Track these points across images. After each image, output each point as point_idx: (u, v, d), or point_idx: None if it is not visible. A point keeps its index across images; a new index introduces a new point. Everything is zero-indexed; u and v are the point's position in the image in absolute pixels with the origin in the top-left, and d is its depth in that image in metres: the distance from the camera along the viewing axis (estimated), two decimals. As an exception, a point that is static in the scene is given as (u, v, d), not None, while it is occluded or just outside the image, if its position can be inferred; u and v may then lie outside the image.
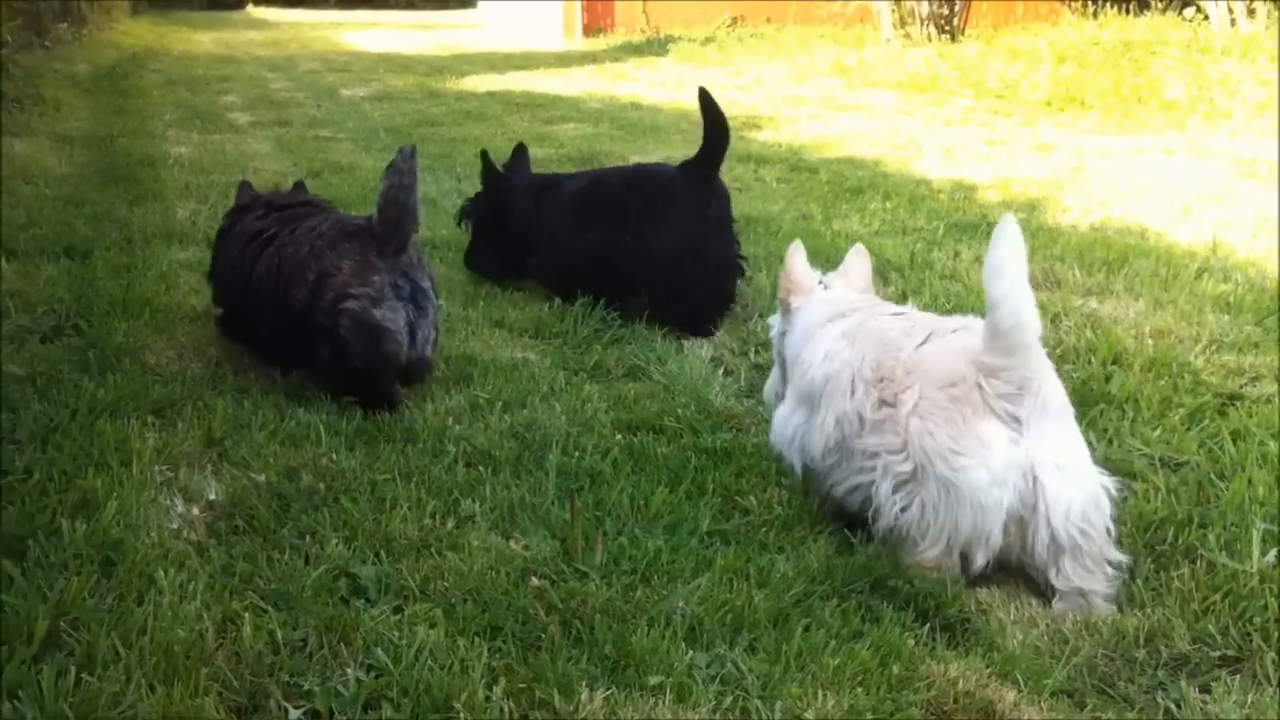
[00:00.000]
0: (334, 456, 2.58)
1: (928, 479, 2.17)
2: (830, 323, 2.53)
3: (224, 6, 27.87)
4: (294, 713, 1.73)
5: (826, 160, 6.89)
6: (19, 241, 4.24)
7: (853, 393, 2.33)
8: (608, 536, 2.27)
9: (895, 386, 2.25)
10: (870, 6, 14.67)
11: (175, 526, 2.25)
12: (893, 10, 14.03)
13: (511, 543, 2.26)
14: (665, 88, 11.31)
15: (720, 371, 3.30)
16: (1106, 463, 2.63)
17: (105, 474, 2.37)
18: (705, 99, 3.82)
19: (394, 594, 2.06)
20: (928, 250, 4.50)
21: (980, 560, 2.16)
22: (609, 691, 1.79)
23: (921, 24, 13.78)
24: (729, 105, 9.57)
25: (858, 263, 2.78)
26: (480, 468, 2.57)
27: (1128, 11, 13.53)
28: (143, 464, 2.45)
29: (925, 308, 3.65)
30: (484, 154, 4.05)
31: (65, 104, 8.10)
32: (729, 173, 6.42)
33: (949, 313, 3.63)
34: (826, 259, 4.28)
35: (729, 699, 1.80)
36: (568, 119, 8.92)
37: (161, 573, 2.03)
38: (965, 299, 3.78)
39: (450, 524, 2.31)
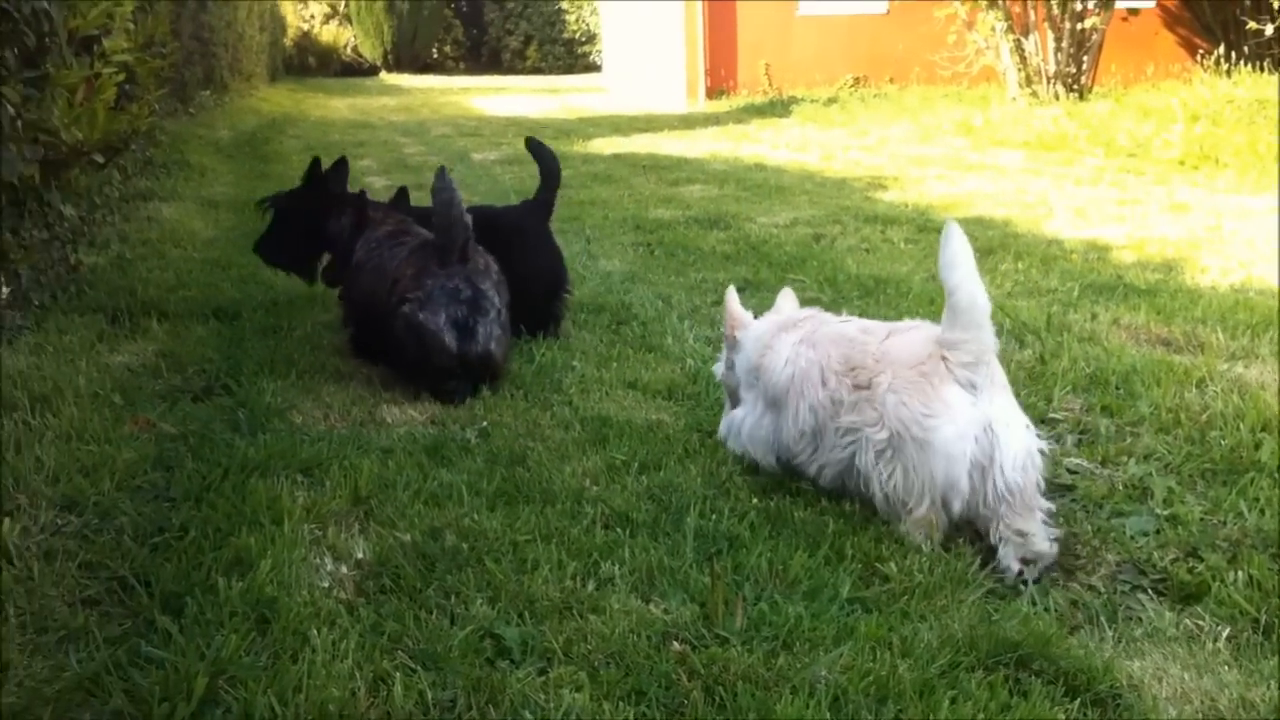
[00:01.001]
0: (475, 517, 2.62)
1: (905, 443, 2.55)
2: (783, 333, 2.94)
3: (357, 73, 28.72)
4: (444, 772, 1.76)
5: (955, 220, 6.83)
6: (169, 303, 4.41)
7: (824, 383, 2.72)
8: (747, 601, 2.27)
9: (868, 373, 2.64)
10: (995, 65, 14.57)
11: (326, 585, 2.30)
12: (1018, 69, 13.92)
13: (651, 606, 2.27)
14: (789, 149, 11.36)
15: (854, 435, 3.28)
16: (1259, 533, 2.57)
17: (258, 532, 2.44)
18: (535, 146, 4.33)
19: (538, 656, 2.08)
20: (1064, 312, 4.44)
21: (956, 507, 2.53)
22: (755, 759, 1.79)
23: (1048, 82, 13.64)
24: (853, 165, 9.71)
25: (787, 302, 3.21)
26: (618, 530, 2.59)
27: (1262, 69, 13.24)
28: (293, 522, 2.52)
29: (1064, 372, 3.61)
30: (315, 160, 4.17)
31: (210, 169, 8.41)
32: (856, 233, 6.43)
33: (1090, 374, 3.61)
34: (960, 322, 4.28)
35: (876, 770, 1.79)
36: (693, 180, 9.00)
37: (314, 631, 2.08)
38: (1106, 363, 3.71)
39: (591, 586, 2.33)
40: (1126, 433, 3.24)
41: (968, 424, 2.51)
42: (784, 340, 2.90)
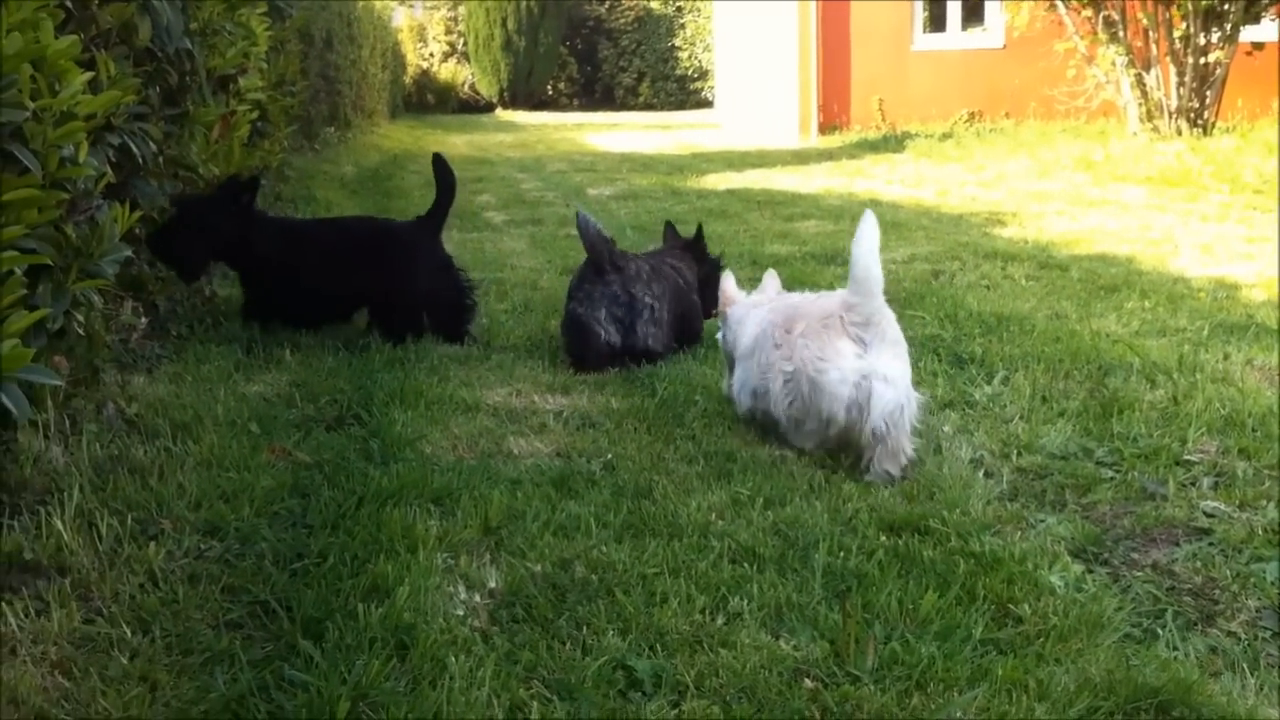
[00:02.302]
0: (604, 549, 2.64)
1: (802, 378, 3.24)
2: (756, 308, 3.64)
3: (474, 110, 29.24)
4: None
5: (1076, 257, 6.74)
6: (300, 334, 4.52)
7: (770, 336, 3.38)
8: (877, 640, 2.26)
9: (791, 324, 3.32)
10: (1115, 100, 14.33)
11: (460, 613, 2.34)
12: (1139, 103, 13.68)
13: (781, 642, 2.27)
14: (904, 184, 11.29)
15: (981, 473, 3.25)
16: None
17: (394, 560, 2.49)
18: (438, 163, 4.81)
19: (670, 689, 2.09)
20: (1195, 352, 4.34)
21: (832, 432, 3.25)
22: (891, 799, 1.78)
23: (1170, 117, 13.37)
24: (970, 201, 9.62)
25: (771, 282, 3.94)
26: (745, 565, 2.59)
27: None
28: (427, 551, 2.57)
29: (1199, 413, 3.54)
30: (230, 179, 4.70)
31: (335, 204, 8.61)
32: (975, 269, 6.37)
33: (1225, 416, 3.54)
34: (1087, 360, 4.22)
35: (1016, 814, 1.76)
36: (808, 216, 8.99)
37: (452, 658, 2.11)
38: (1241, 404, 3.63)
39: (720, 620, 2.34)
40: (1265, 476, 3.16)
41: (850, 371, 3.16)
42: (757, 312, 3.59)
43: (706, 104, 28.73)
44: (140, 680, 2.04)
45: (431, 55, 30.99)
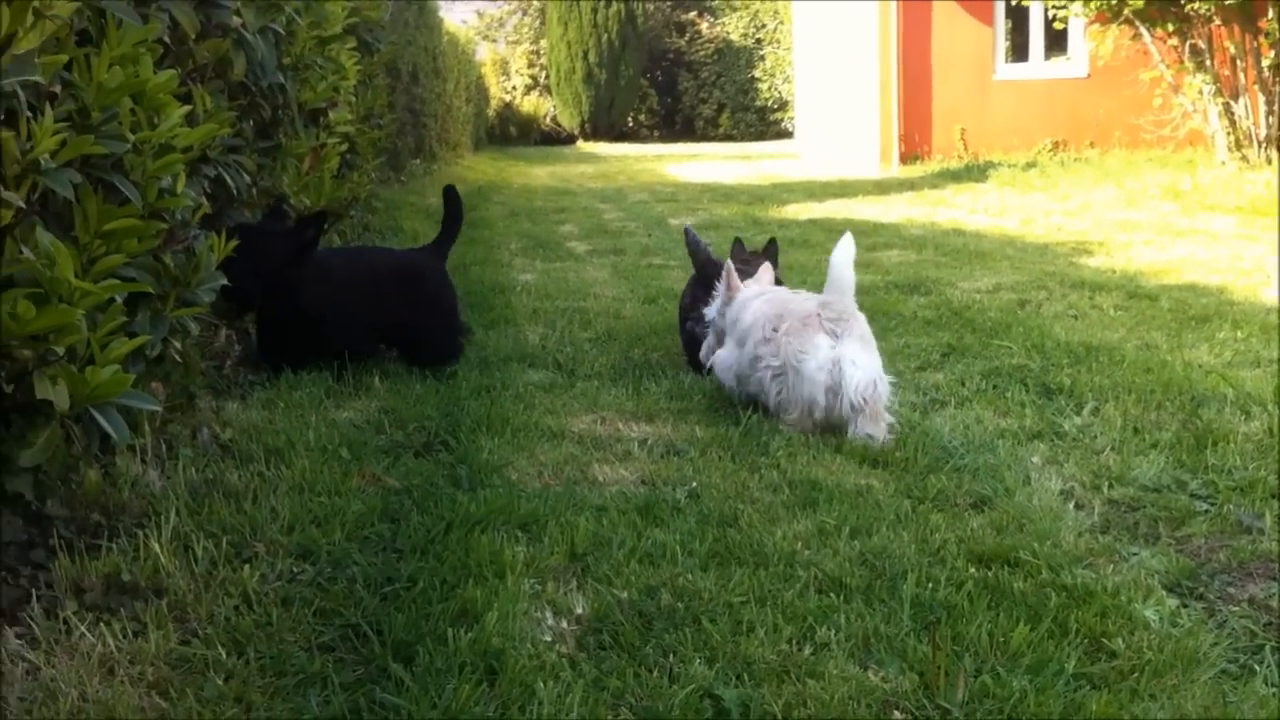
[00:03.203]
0: (690, 577, 2.64)
1: (788, 370, 3.76)
2: (756, 299, 4.08)
3: (556, 141, 29.54)
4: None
5: (1166, 287, 6.64)
6: (389, 362, 4.58)
7: (761, 329, 3.88)
8: (968, 673, 2.23)
9: (779, 322, 3.83)
10: (1203, 129, 14.11)
11: (548, 639, 2.35)
12: (1228, 132, 13.46)
13: (869, 673, 2.25)
14: (987, 214, 11.20)
15: (1071, 505, 3.20)
16: None
17: (483, 585, 2.51)
18: (449, 194, 4.88)
19: (758, 719, 2.08)
20: (1291, 384, 4.25)
21: (818, 415, 3.75)
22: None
23: (1260, 146, 13.14)
24: (1055, 231, 9.52)
25: (766, 274, 4.44)
26: (832, 595, 2.58)
27: None
28: (515, 577, 2.58)
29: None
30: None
31: (421, 234, 8.71)
32: (1062, 299, 6.29)
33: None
34: (1179, 391, 4.15)
35: None
36: (890, 246, 8.94)
37: (540, 683, 2.12)
38: (1341, 437, 3.55)
39: (807, 650, 2.32)
40: (1366, 511, 3.08)
41: (825, 360, 3.71)
42: (755, 303, 4.05)
43: (786, 134, 28.75)
44: (235, 701, 2.08)
45: (514, 88, 31.40)
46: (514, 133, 29.95)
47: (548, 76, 30.71)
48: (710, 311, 4.36)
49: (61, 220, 2.64)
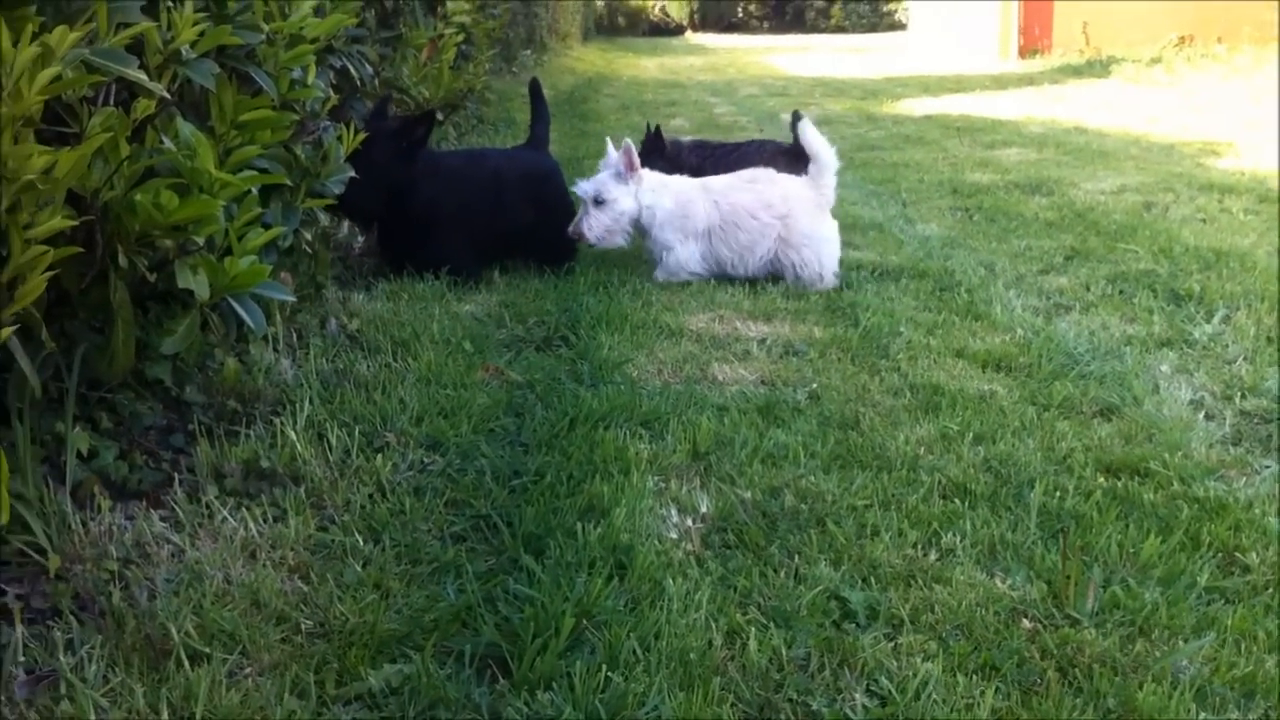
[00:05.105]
0: (812, 479, 2.64)
1: (813, 242, 4.35)
2: (698, 196, 4.42)
3: (664, 33, 29.18)
4: (800, 728, 1.79)
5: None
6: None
7: (755, 217, 4.34)
8: (1097, 583, 2.21)
9: (784, 206, 4.34)
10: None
11: (674, 536, 2.37)
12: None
13: (997, 580, 2.24)
14: (1110, 111, 10.86)
15: (1201, 416, 3.14)
16: None
17: (609, 481, 2.54)
18: (535, 88, 4.83)
19: (884, 622, 2.08)
20: None
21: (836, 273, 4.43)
22: (1117, 745, 1.75)
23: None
24: (1181, 130, 9.19)
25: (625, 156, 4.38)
26: (956, 500, 2.56)
27: None
28: (640, 473, 2.61)
29: None
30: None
31: (531, 126, 8.71)
32: (1190, 202, 6.10)
33: None
34: (1317, 301, 4.02)
35: (1248, 768, 1.72)
36: (1010, 144, 8.73)
37: (669, 580, 2.15)
38: None
39: (933, 556, 2.32)
40: None
41: (837, 240, 4.43)
42: (699, 201, 4.38)
43: (899, 26, 28.04)
44: (374, 587, 2.13)
45: (622, -24, 30.98)
46: (622, 23, 29.64)
47: (657, -35, 30.28)
48: (588, 186, 4.35)
49: (198, 111, 2.68)
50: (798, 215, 4.34)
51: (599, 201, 4.32)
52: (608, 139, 4.49)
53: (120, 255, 2.26)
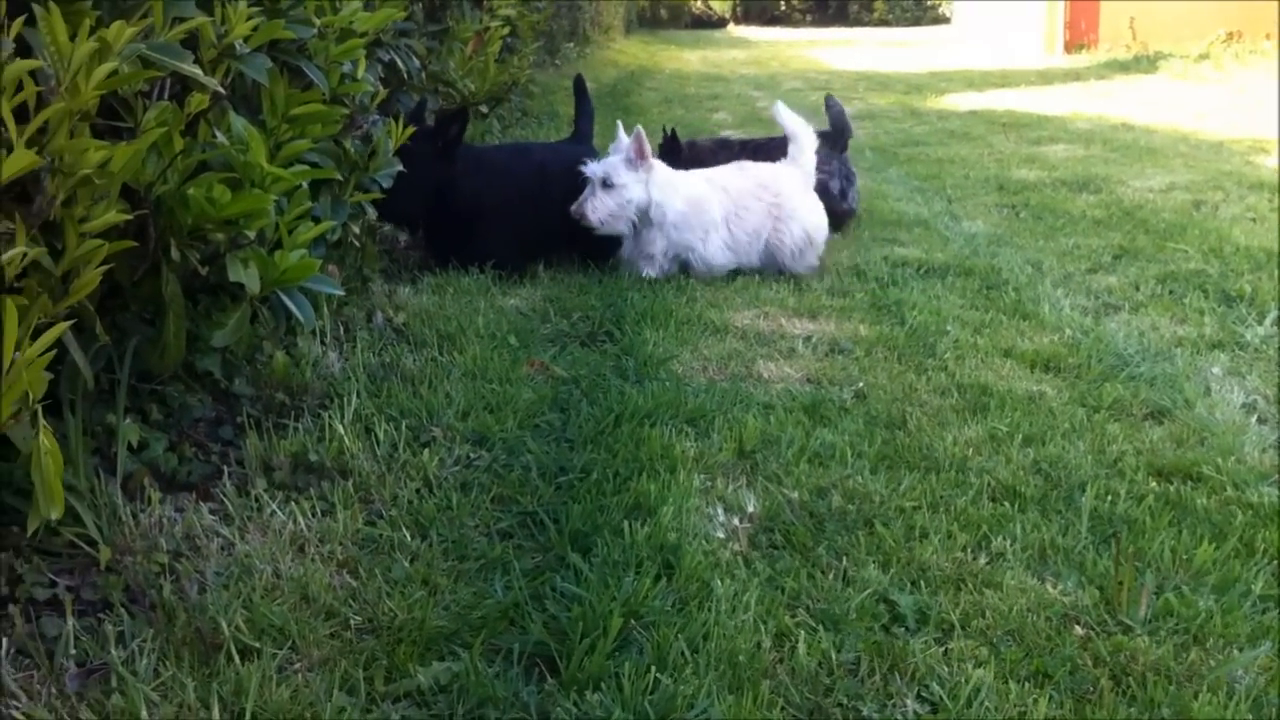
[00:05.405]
0: (860, 479, 2.62)
1: (804, 225, 4.45)
2: (709, 187, 4.43)
3: (707, 25, 29.11)
4: (850, 733, 1.78)
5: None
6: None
7: (756, 202, 4.42)
8: (1150, 590, 2.19)
9: (775, 191, 4.44)
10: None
11: (721, 536, 2.36)
12: None
13: (1048, 585, 2.21)
14: (1157, 107, 10.74)
15: (1254, 419, 3.09)
16: None
17: (655, 479, 2.53)
18: (579, 84, 4.98)
19: (934, 626, 2.06)
20: None
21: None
22: (1172, 756, 1.73)
23: None
24: (1231, 127, 9.06)
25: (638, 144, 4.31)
26: (1006, 503, 2.54)
27: None
28: (686, 472, 2.60)
29: None
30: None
31: (575, 119, 8.71)
32: (1240, 201, 6.03)
33: None
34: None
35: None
36: (1056, 140, 8.65)
37: (717, 580, 2.14)
38: None
39: (983, 559, 2.30)
40: None
41: (822, 208, 4.56)
42: (710, 192, 4.40)
43: (943, 20, 27.88)
44: (421, 583, 2.13)
45: (665, -31, 30.92)
46: (664, 16, 29.57)
47: (699, -43, 30.20)
48: (597, 168, 4.21)
49: (250, 105, 2.68)
50: (788, 194, 4.45)
51: (607, 184, 4.20)
52: (618, 124, 4.44)
53: (173, 249, 2.27)
